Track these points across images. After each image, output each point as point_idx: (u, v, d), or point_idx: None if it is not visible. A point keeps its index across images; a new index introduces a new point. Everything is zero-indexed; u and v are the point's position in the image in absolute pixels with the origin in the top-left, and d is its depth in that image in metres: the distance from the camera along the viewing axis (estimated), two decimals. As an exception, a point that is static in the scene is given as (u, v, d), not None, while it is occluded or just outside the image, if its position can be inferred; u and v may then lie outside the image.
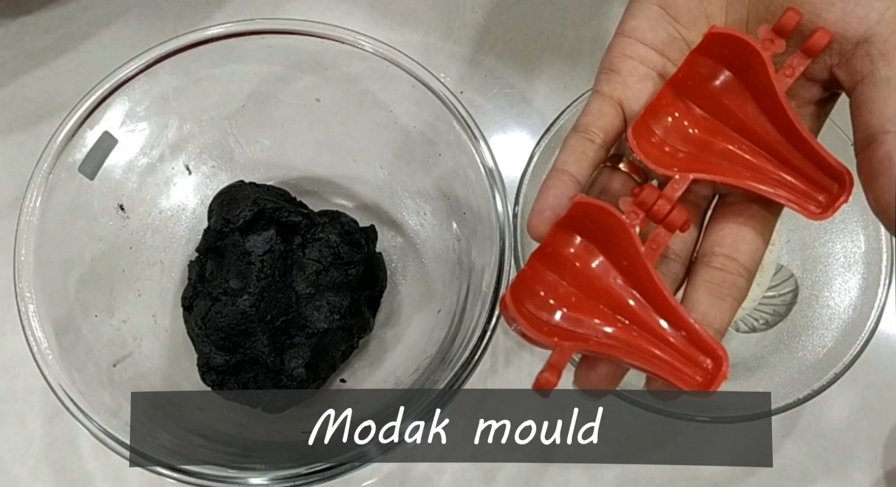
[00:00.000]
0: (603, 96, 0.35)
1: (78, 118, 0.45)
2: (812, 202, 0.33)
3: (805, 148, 0.33)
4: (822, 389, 0.45)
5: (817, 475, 0.50)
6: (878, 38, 0.32)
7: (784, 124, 0.33)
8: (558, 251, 0.34)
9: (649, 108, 0.34)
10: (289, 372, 0.47)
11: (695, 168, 0.34)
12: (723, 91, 0.35)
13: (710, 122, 0.35)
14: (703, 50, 0.34)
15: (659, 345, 0.32)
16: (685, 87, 0.35)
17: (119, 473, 0.50)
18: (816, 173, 0.33)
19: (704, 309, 0.33)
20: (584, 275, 0.33)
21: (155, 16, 0.58)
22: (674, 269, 0.35)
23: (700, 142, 0.35)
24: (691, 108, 0.35)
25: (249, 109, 0.51)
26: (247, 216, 0.47)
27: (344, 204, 0.54)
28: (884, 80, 0.32)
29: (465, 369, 0.42)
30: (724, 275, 0.33)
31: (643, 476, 0.50)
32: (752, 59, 0.33)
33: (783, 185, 0.33)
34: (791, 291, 0.51)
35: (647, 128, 0.35)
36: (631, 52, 0.35)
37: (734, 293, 0.33)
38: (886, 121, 0.31)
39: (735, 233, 0.34)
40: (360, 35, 0.46)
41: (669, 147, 0.35)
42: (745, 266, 0.33)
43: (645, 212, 0.33)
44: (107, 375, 0.46)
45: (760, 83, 0.34)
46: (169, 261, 0.52)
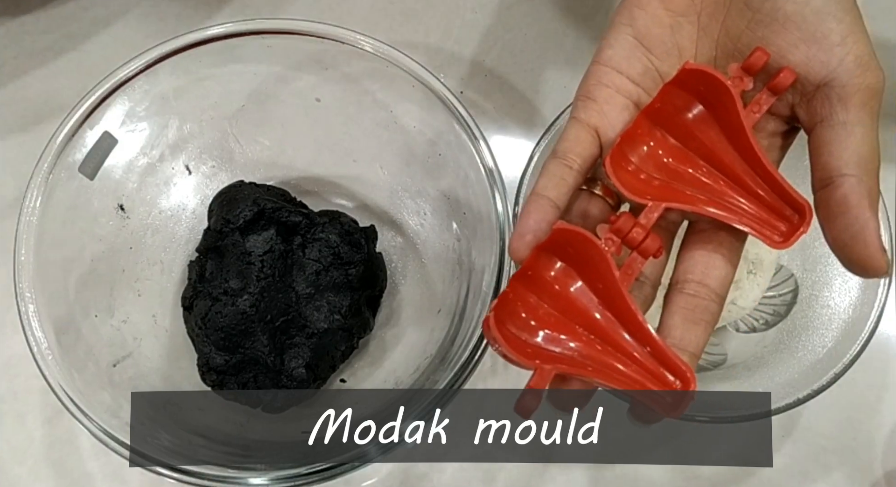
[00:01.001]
0: (580, 123, 0.36)
1: (78, 118, 0.45)
2: (774, 231, 0.34)
3: (769, 180, 0.34)
4: (822, 389, 0.45)
5: (817, 475, 0.50)
6: (837, 82, 0.34)
7: (750, 157, 0.35)
8: (539, 274, 0.35)
9: (625, 137, 0.36)
10: (289, 372, 0.47)
11: (667, 196, 0.35)
12: (694, 122, 0.36)
13: (683, 152, 0.37)
14: (677, 82, 0.35)
15: (631, 366, 0.33)
16: (659, 117, 0.36)
17: (119, 473, 0.50)
18: (779, 203, 0.35)
19: (680, 334, 0.34)
20: (563, 297, 0.35)
21: (155, 16, 0.58)
22: (644, 291, 0.36)
23: (672, 171, 0.36)
24: (665, 138, 0.37)
25: (249, 109, 0.51)
26: (247, 216, 0.47)
27: (344, 204, 0.54)
28: (840, 123, 0.33)
29: (465, 369, 0.42)
30: (696, 301, 0.34)
31: (643, 476, 0.50)
32: (722, 94, 0.35)
33: (748, 215, 0.35)
34: (791, 291, 0.51)
35: (623, 156, 0.36)
36: (607, 80, 0.37)
37: (707, 317, 0.34)
38: (843, 164, 0.33)
39: (706, 260, 0.35)
40: (360, 35, 0.46)
41: (644, 174, 0.36)
42: (716, 291, 0.35)
43: (621, 239, 0.34)
44: (107, 375, 0.46)
45: (729, 117, 0.35)
46: (169, 261, 0.52)
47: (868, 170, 0.33)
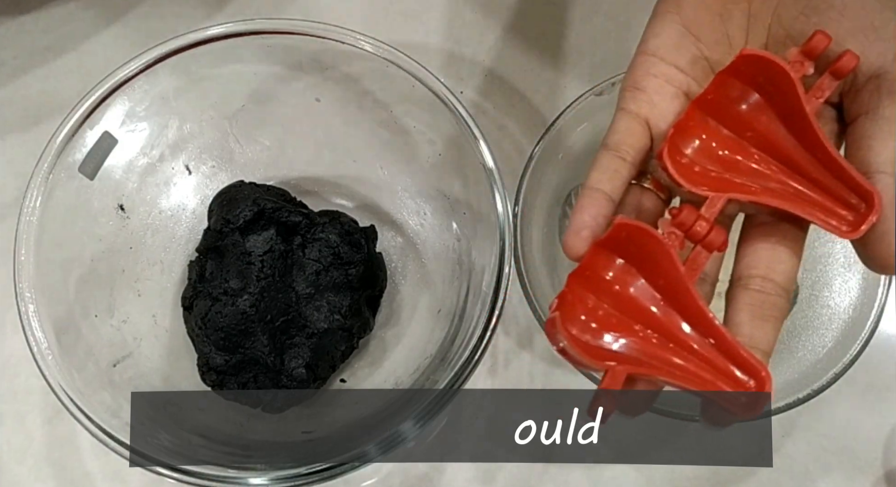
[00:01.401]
0: (630, 114, 0.35)
1: (78, 118, 0.45)
2: (841, 220, 0.33)
3: (834, 167, 0.33)
4: (822, 389, 0.45)
5: (817, 475, 0.50)
6: (890, 75, 0.33)
7: (813, 144, 0.34)
8: (597, 272, 0.33)
9: (678, 128, 0.35)
10: (289, 372, 0.47)
11: (725, 188, 0.34)
12: (749, 111, 0.35)
13: (737, 142, 0.35)
14: (732, 71, 0.34)
15: (701, 366, 0.32)
16: (712, 107, 0.35)
17: (119, 473, 0.50)
18: (845, 192, 0.33)
19: (749, 331, 0.33)
20: (624, 296, 0.33)
21: (155, 16, 0.58)
22: (704, 289, 0.35)
23: (728, 162, 0.35)
24: (718, 129, 0.35)
25: (249, 109, 0.51)
26: (247, 216, 0.47)
27: (344, 204, 0.54)
28: (885, 118, 0.32)
29: (465, 369, 0.42)
30: (763, 297, 0.33)
31: (643, 476, 0.50)
32: (782, 80, 0.33)
33: (812, 204, 0.34)
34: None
35: (676, 148, 0.35)
36: (656, 70, 0.36)
37: (776, 313, 0.33)
38: (882, 161, 0.32)
39: (770, 254, 0.34)
40: (360, 35, 0.46)
41: (699, 166, 0.35)
42: (783, 285, 0.34)
43: (684, 233, 0.33)
44: (107, 375, 0.46)
45: (789, 104, 0.34)
46: (169, 261, 0.52)
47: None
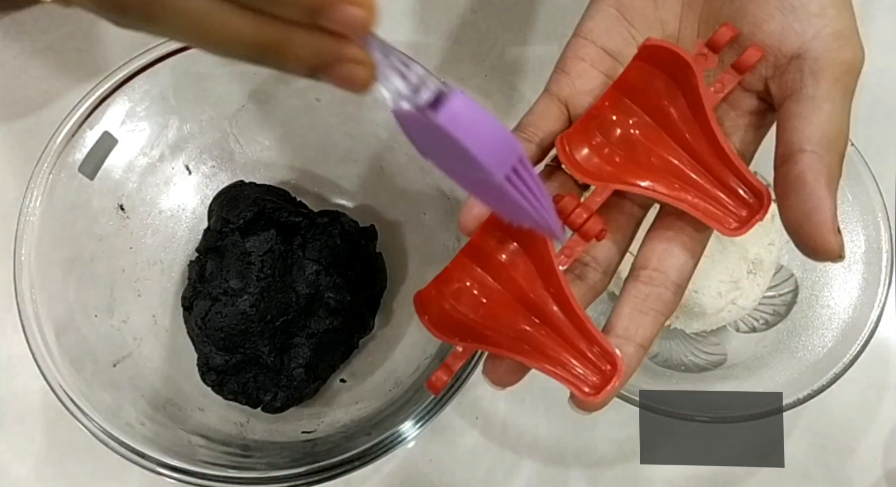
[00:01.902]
0: (551, 96, 0.36)
1: (78, 118, 0.45)
2: (734, 217, 0.33)
3: (727, 163, 0.33)
4: (822, 389, 0.45)
5: (817, 475, 0.50)
6: (811, 54, 0.32)
7: (709, 137, 0.34)
8: (485, 249, 0.34)
9: (591, 112, 0.35)
10: (289, 372, 0.47)
11: (624, 177, 0.34)
12: (662, 99, 0.35)
13: (652, 129, 0.35)
14: (644, 58, 0.34)
15: (565, 348, 0.33)
16: (629, 92, 0.35)
17: (119, 473, 0.50)
18: (741, 188, 0.33)
19: (626, 323, 0.33)
20: (507, 274, 0.34)
21: (155, 16, 0.58)
22: (593, 277, 0.35)
23: (637, 149, 0.35)
24: (632, 113, 0.35)
25: (249, 109, 0.51)
26: (247, 216, 0.48)
27: (344, 204, 0.54)
28: (809, 98, 0.32)
29: (465, 369, 0.42)
30: (649, 289, 0.33)
31: (643, 476, 0.50)
32: (686, 71, 0.33)
33: (706, 199, 0.34)
34: (791, 291, 0.51)
35: (587, 132, 0.35)
36: (583, 53, 0.36)
37: (658, 306, 0.33)
38: (805, 139, 0.31)
39: (663, 248, 0.34)
40: (360, 35, 0.46)
41: (608, 150, 0.35)
42: (673, 279, 0.33)
43: (563, 220, 0.33)
44: (107, 375, 0.46)
45: (692, 96, 0.34)
46: (169, 261, 0.52)
47: (831, 148, 0.31)
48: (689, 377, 0.50)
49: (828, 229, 0.30)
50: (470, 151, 0.24)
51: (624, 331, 0.33)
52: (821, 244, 0.30)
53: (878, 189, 0.48)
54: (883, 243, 0.47)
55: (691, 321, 0.50)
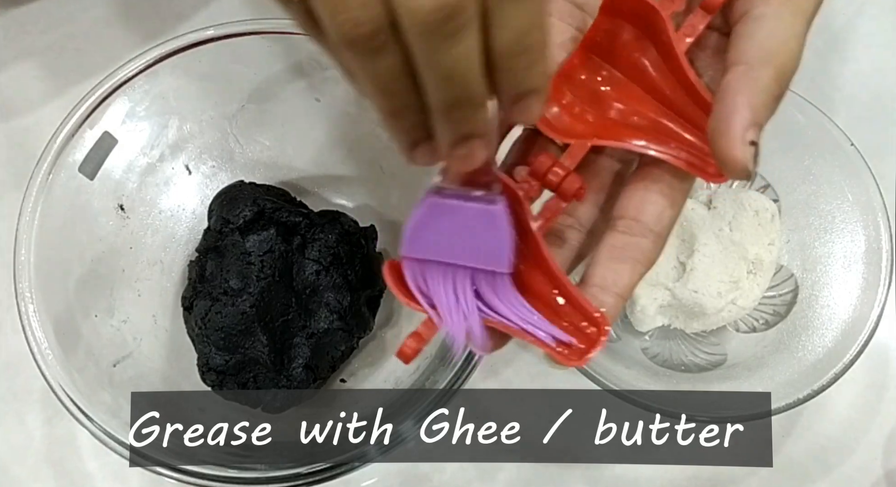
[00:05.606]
0: None
1: (78, 118, 0.45)
2: (710, 163, 0.32)
3: (705, 107, 0.32)
4: (822, 389, 0.45)
5: (817, 475, 0.50)
6: None
7: (684, 84, 0.32)
8: None
9: (560, 72, 0.34)
10: (289, 372, 0.47)
11: (600, 133, 0.33)
12: (633, 51, 0.34)
13: (625, 84, 0.34)
14: (609, 10, 0.33)
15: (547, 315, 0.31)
16: (597, 50, 0.34)
17: (119, 473, 0.50)
18: None
19: (602, 272, 0.32)
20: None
21: (155, 16, 0.58)
22: (575, 238, 0.34)
23: (611, 105, 0.34)
24: (605, 69, 0.34)
25: (249, 109, 0.51)
26: (247, 216, 0.48)
27: (344, 204, 0.54)
28: (755, 17, 0.31)
29: (465, 369, 0.42)
30: (626, 238, 0.32)
31: (643, 476, 0.50)
32: (653, 18, 0.32)
33: (688, 147, 0.32)
34: (791, 291, 0.51)
35: (557, 91, 0.34)
36: (551, 7, 0.34)
37: (636, 254, 0.32)
38: (741, 53, 0.30)
39: (641, 196, 0.32)
40: (360, 35, 0.46)
41: (579, 108, 0.34)
42: (651, 227, 0.32)
43: (539, 181, 0.32)
44: (107, 375, 0.46)
45: (662, 43, 0.33)
46: (169, 261, 0.52)
47: (767, 63, 0.30)
48: (689, 377, 0.50)
49: (735, 138, 0.29)
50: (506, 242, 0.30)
51: (601, 280, 0.31)
52: (726, 153, 0.29)
53: (878, 189, 0.48)
54: (883, 243, 0.47)
55: (691, 321, 0.50)
